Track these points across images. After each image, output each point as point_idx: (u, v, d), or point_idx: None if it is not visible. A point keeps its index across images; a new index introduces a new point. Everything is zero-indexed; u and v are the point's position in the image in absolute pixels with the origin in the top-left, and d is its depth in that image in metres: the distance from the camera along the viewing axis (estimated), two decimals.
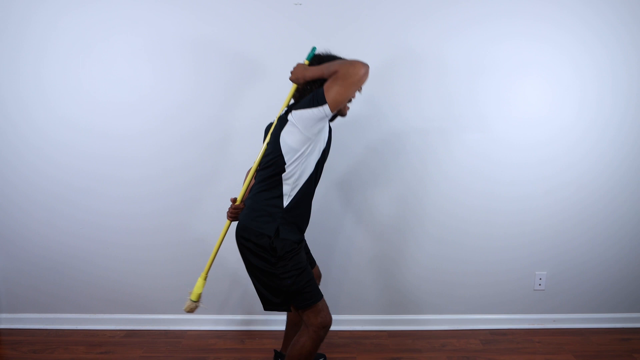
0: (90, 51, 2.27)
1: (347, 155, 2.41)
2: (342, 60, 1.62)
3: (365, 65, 1.55)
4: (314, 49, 1.80)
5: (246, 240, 1.72)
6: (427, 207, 2.48)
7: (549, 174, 2.47)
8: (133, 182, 2.40)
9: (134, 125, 2.34)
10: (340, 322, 2.55)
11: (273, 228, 1.69)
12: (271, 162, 1.70)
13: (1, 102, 2.31)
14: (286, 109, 1.77)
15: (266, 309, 1.78)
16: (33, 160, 2.36)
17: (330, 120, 1.76)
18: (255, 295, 1.99)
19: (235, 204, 1.87)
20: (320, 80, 1.68)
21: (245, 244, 1.73)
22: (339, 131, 2.25)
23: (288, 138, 1.65)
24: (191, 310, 1.90)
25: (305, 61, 1.77)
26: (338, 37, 2.25)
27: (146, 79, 2.31)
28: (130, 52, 2.28)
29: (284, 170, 1.68)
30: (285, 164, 1.66)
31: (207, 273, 1.91)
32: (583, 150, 2.45)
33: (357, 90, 1.64)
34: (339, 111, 1.75)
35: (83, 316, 2.54)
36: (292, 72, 1.75)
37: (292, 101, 1.82)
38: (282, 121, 1.70)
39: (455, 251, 2.54)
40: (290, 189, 1.71)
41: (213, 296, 2.48)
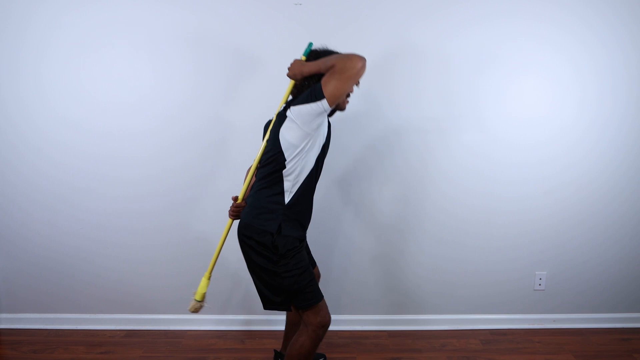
0: (90, 51, 2.27)
1: (347, 155, 2.41)
2: (339, 54, 1.62)
3: (362, 59, 1.54)
4: (310, 44, 1.79)
5: (248, 238, 1.72)
6: (427, 207, 2.48)
7: (549, 174, 2.47)
8: (133, 182, 2.40)
9: (134, 125, 2.34)
10: (340, 322, 2.55)
11: (275, 225, 1.69)
12: (271, 159, 1.70)
13: (1, 102, 2.31)
14: (284, 105, 1.77)
15: (266, 308, 1.78)
16: (33, 160, 2.36)
17: (329, 115, 1.75)
18: (255, 295, 1.99)
19: (237, 202, 1.87)
20: (317, 76, 1.67)
21: (247, 241, 1.73)
22: (340, 131, 2.25)
23: (287, 134, 1.65)
24: (196, 310, 1.90)
25: (302, 57, 1.76)
26: (338, 37, 2.25)
27: (146, 78, 2.31)
28: (131, 52, 2.28)
29: (284, 167, 1.68)
30: (285, 160, 1.66)
31: (210, 272, 1.91)
32: (583, 150, 2.45)
33: (354, 84, 1.63)
34: (338, 105, 1.74)
35: (83, 316, 2.54)
36: (289, 69, 1.75)
37: (291, 97, 1.81)
38: (281, 117, 1.70)
39: (455, 251, 2.54)
40: (291, 185, 1.71)
41: (213, 296, 2.47)
